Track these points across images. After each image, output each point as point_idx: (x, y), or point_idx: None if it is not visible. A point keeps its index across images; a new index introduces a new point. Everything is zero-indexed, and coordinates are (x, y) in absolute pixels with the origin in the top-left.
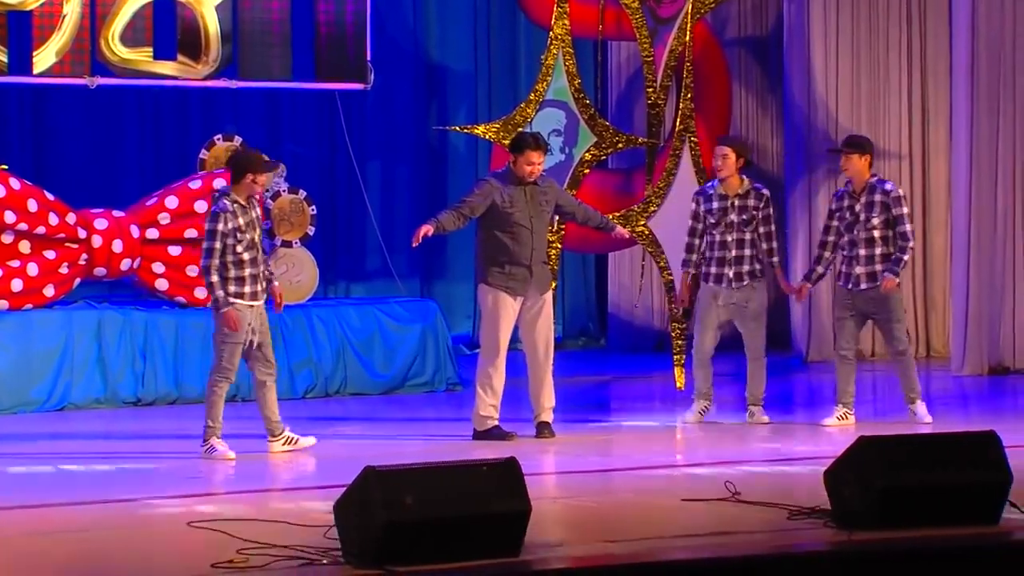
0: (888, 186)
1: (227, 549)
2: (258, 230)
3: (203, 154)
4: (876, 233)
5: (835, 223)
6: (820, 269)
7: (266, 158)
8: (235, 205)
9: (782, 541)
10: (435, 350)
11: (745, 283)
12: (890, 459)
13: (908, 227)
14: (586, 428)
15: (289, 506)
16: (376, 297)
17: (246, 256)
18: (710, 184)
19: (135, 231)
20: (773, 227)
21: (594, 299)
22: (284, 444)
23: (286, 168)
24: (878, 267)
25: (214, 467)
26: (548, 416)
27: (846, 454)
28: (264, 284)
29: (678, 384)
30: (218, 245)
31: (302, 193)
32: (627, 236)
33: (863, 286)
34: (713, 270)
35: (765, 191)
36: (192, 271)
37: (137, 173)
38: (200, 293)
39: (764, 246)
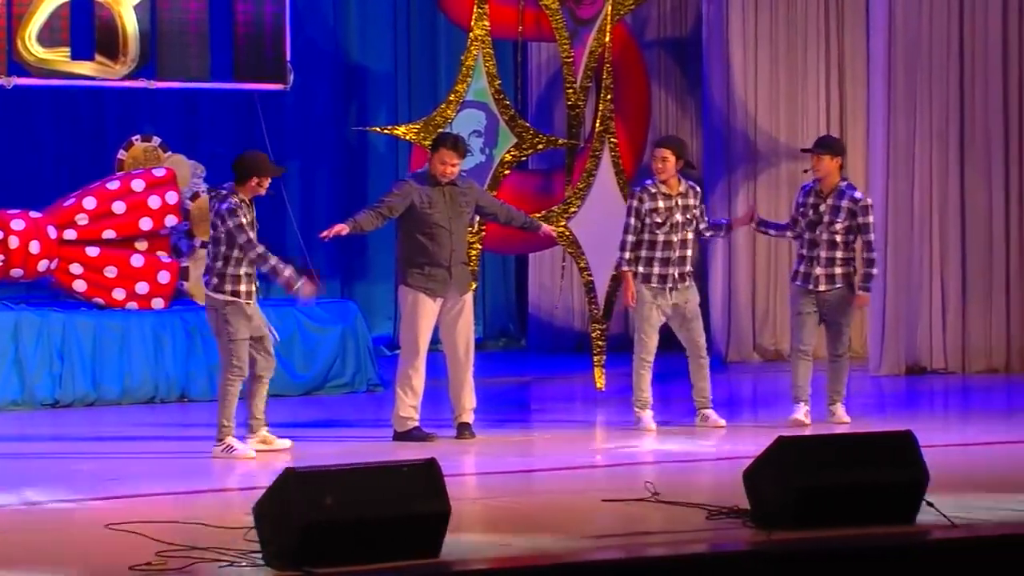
0: (857, 194)
1: (146, 551)
2: (255, 230)
3: (121, 155)
4: (838, 238)
5: (799, 218)
6: (772, 231)
7: (272, 161)
8: (241, 203)
9: (701, 541)
10: (355, 351)
11: (687, 283)
12: (808, 459)
13: (874, 236)
14: (506, 429)
15: (209, 508)
16: (296, 298)
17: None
18: (649, 181)
19: (52, 232)
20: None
21: (514, 300)
22: (259, 443)
23: (205, 169)
24: (837, 271)
25: (132, 469)
26: (468, 417)
27: (765, 454)
28: (258, 282)
29: (598, 385)
30: (253, 234)
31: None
32: (553, 234)
33: (821, 288)
34: (657, 270)
35: (697, 187)
36: (110, 272)
37: (54, 174)
38: (118, 294)
39: (710, 234)
